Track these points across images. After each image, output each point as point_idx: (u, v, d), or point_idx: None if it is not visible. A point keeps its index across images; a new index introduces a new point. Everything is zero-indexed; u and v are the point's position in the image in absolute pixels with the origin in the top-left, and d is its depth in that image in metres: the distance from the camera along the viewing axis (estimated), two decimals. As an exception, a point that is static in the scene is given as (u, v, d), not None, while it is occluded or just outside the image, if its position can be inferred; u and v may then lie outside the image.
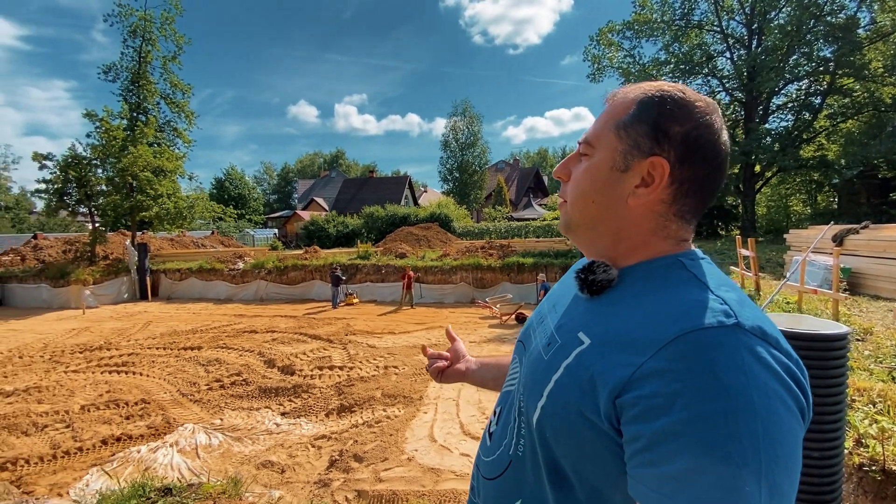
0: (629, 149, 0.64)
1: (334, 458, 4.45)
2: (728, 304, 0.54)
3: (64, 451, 4.69)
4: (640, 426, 0.50)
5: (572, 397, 0.58)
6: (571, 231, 0.73)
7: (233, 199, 45.45)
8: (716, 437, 0.45)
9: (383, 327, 10.07)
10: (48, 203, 16.61)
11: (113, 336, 10.00)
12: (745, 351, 0.49)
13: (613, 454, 0.55)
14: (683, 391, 0.48)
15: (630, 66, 20.53)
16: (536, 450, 0.64)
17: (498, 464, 0.74)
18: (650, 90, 0.65)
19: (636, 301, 0.61)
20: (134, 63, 17.51)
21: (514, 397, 0.74)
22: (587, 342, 0.61)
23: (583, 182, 0.69)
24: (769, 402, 0.47)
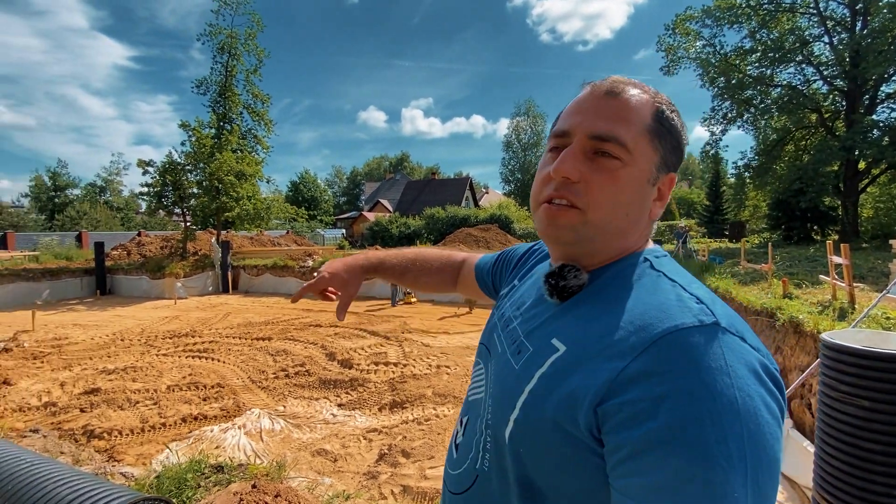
0: (661, 163, 0.63)
1: (383, 452, 4.58)
2: (704, 303, 0.53)
3: (150, 425, 5.26)
4: (625, 433, 0.47)
5: (548, 408, 0.55)
6: (584, 242, 0.63)
7: (306, 201, 48.38)
8: (704, 441, 0.43)
9: (438, 327, 10.19)
10: (149, 204, 18.72)
11: (197, 324, 11.04)
12: (727, 351, 0.48)
13: (594, 466, 0.51)
14: (669, 394, 0.46)
15: (710, 57, 19.03)
16: (505, 465, 0.61)
17: (465, 478, 0.69)
18: (660, 99, 0.64)
19: (610, 303, 0.58)
20: (221, 77, 19.23)
21: (481, 408, 0.70)
22: (562, 349, 0.58)
23: (621, 194, 0.61)
24: (754, 405, 0.45)
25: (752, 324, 5.85)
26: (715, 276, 8.30)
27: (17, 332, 10.02)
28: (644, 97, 0.63)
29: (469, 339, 8.93)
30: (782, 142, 19.27)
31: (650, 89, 0.65)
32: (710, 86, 19.15)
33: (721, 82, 18.80)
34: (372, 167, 73.19)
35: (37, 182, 42.05)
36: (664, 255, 0.65)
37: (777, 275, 7.14)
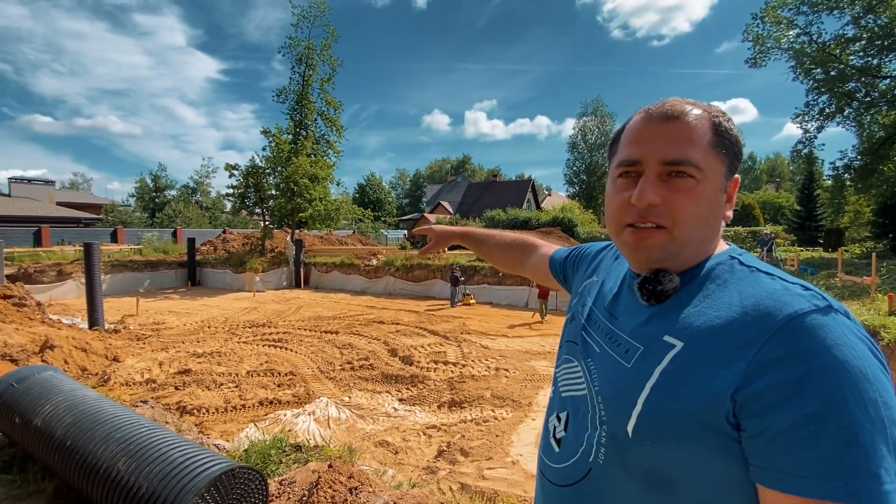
0: (727, 171, 0.68)
1: (442, 449, 4.68)
2: (812, 290, 0.59)
3: (233, 406, 5.78)
4: (773, 414, 0.52)
5: (680, 401, 0.59)
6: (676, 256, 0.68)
7: (371, 203, 50.28)
8: (850, 410, 0.49)
9: (497, 329, 10.18)
10: (233, 204, 20.44)
11: (273, 316, 11.90)
12: (843, 328, 0.54)
13: (730, 451, 0.56)
14: (808, 373, 0.51)
15: (805, 46, 17.25)
16: (628, 459, 0.64)
17: (573, 471, 0.72)
18: (714, 110, 0.69)
19: (714, 299, 0.63)
20: (298, 86, 20.55)
21: (587, 405, 0.73)
22: (679, 345, 0.62)
23: (702, 208, 0.66)
24: (875, 372, 0.52)
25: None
26: (805, 288, 7.53)
27: (124, 315, 11.41)
28: (701, 114, 0.68)
29: (528, 344, 8.83)
30: (891, 139, 16.99)
31: (703, 104, 0.70)
32: (805, 78, 17.35)
33: (818, 74, 16.97)
34: (434, 169, 74.43)
35: (141, 184, 47.54)
36: (746, 252, 0.70)
37: (882, 289, 6.35)
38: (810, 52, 16.85)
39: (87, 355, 7.12)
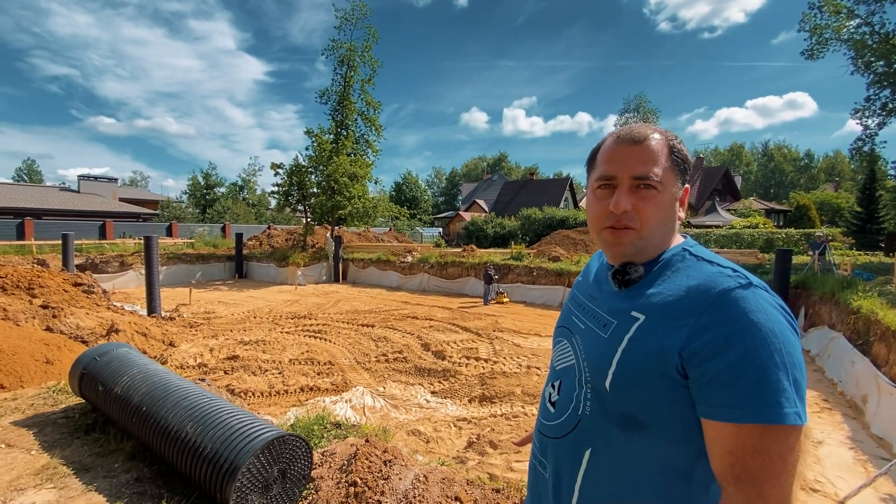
0: (680, 184, 0.89)
1: (472, 441, 4.83)
2: (738, 272, 0.79)
3: (276, 390, 6.16)
4: (707, 364, 0.72)
5: (642, 360, 0.79)
6: (642, 253, 0.88)
7: (407, 201, 50.97)
8: (761, 358, 0.69)
9: (530, 328, 10.21)
10: (278, 202, 21.34)
11: (313, 309, 12.42)
12: (759, 298, 0.74)
13: (681, 395, 0.76)
14: (732, 333, 0.71)
15: (866, 37, 16.08)
16: (607, 407, 0.84)
17: (565, 424, 0.91)
18: (669, 135, 0.90)
19: (668, 283, 0.84)
20: (340, 87, 21.17)
21: (575, 371, 0.93)
22: (642, 318, 0.82)
23: (663, 214, 0.87)
24: (781, 328, 0.72)
25: (905, 352, 5.00)
26: (858, 293, 7.15)
27: (178, 304, 12.26)
28: (660, 138, 0.88)
29: (561, 343, 8.82)
30: (971, 135, 15.59)
31: (661, 129, 0.90)
32: (865, 71, 16.19)
33: (880, 67, 15.78)
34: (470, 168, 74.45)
35: (193, 181, 50.40)
36: (696, 245, 0.90)
37: (945, 297, 5.95)
38: (871, 43, 15.71)
39: (147, 339, 7.75)
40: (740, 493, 0.70)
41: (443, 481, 1.78)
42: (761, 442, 0.69)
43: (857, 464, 4.28)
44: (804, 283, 9.85)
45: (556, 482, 0.92)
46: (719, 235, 21.43)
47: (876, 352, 5.71)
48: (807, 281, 9.80)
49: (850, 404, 5.68)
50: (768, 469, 0.68)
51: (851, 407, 5.60)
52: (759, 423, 0.68)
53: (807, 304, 9.36)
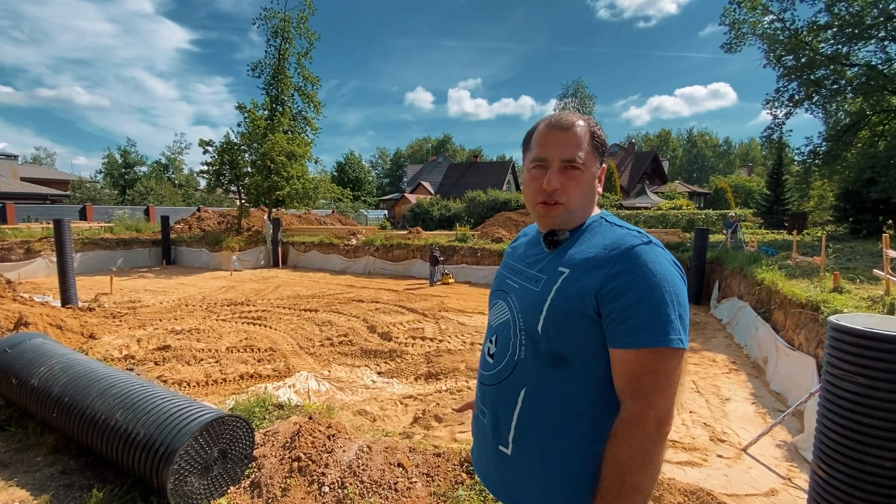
0: (599, 163, 1.07)
1: (418, 416, 4.94)
2: (641, 233, 0.97)
3: (213, 379, 5.90)
4: (614, 304, 0.89)
5: (566, 304, 0.95)
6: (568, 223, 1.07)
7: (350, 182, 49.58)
8: (652, 297, 0.87)
9: (474, 307, 10.47)
10: (208, 182, 19.98)
11: (251, 295, 11.90)
12: (656, 252, 0.92)
13: (598, 332, 0.93)
14: (633, 279, 0.89)
15: (778, 33, 17.62)
16: (539, 348, 0.98)
17: (503, 371, 1.06)
18: (591, 122, 1.07)
19: (587, 243, 1.01)
20: (275, 60, 19.97)
21: (510, 323, 1.07)
22: (567, 271, 0.99)
23: (586, 190, 1.06)
24: (671, 276, 0.91)
25: (797, 316, 5.71)
26: (762, 267, 8.01)
27: (97, 294, 11.24)
28: (584, 125, 1.05)
29: (504, 320, 9.14)
30: (856, 126, 17.71)
31: (584, 117, 1.07)
32: (777, 65, 17.80)
33: (789, 61, 17.40)
34: (415, 149, 73.67)
35: (109, 159, 45.67)
36: (610, 215, 1.09)
37: (830, 268, 6.83)
38: (783, 38, 17.24)
39: (63, 332, 7.08)
40: (635, 404, 0.87)
41: (386, 450, 1.84)
42: (652, 363, 0.86)
43: (757, 416, 4.87)
44: (718, 258, 10.86)
45: (494, 424, 1.06)
46: (648, 216, 22.96)
47: (775, 318, 6.47)
48: (720, 257, 10.82)
49: (754, 365, 6.42)
50: (656, 383, 0.86)
51: (755, 367, 6.34)
52: (651, 347, 0.85)
53: (720, 277, 10.35)
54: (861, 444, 1.67)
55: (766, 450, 4.13)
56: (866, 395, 1.66)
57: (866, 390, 1.65)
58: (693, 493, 2.88)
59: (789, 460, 4.00)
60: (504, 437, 1.02)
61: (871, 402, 1.65)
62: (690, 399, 5.31)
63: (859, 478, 1.66)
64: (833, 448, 1.76)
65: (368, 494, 1.76)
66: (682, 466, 3.84)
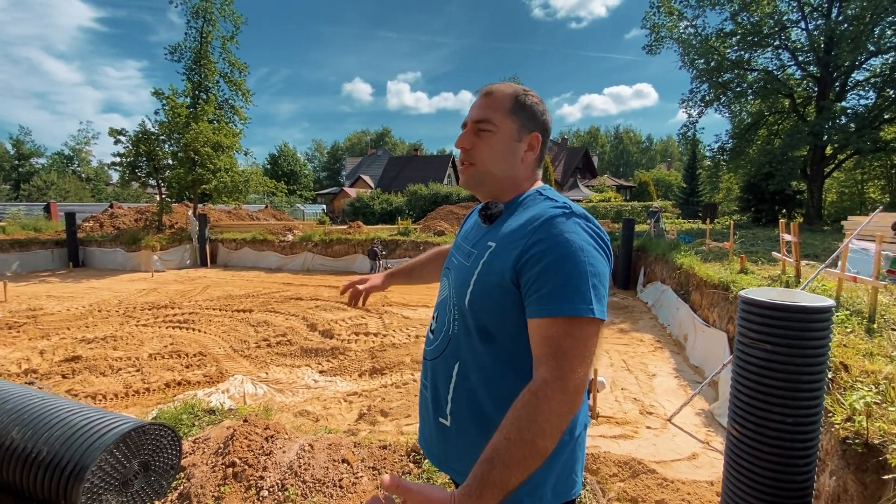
0: (520, 127, 1.04)
1: (363, 412, 4.85)
2: (566, 204, 0.97)
3: (135, 390, 5.40)
4: (529, 272, 0.89)
5: (490, 278, 0.95)
6: (482, 184, 1.07)
7: (285, 175, 47.39)
8: (566, 266, 0.86)
9: (418, 300, 10.46)
10: (122, 175, 18.20)
11: (176, 297, 11.03)
12: (573, 223, 0.91)
13: (516, 304, 0.92)
14: (547, 248, 0.88)
15: (691, 38, 19.18)
16: (468, 324, 0.98)
17: (441, 345, 1.06)
18: (518, 88, 1.06)
19: (517, 217, 1.00)
20: (196, 43, 18.52)
21: (448, 300, 1.07)
22: (494, 245, 0.99)
23: (496, 150, 1.03)
24: (586, 246, 0.89)
25: (711, 296, 6.27)
26: (681, 253, 8.72)
27: (-12, 302, 9.87)
28: (506, 90, 1.05)
29: (447, 312, 9.22)
30: (756, 126, 19.78)
31: (515, 86, 1.07)
32: (690, 67, 19.38)
33: (700, 64, 19.02)
34: (353, 142, 71.90)
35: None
36: (549, 188, 1.08)
37: (737, 252, 7.57)
38: (695, 43, 18.78)
39: (-57, 347, 6.14)
40: (557, 365, 0.83)
41: (329, 447, 1.77)
42: (567, 329, 0.84)
43: (680, 389, 5.31)
44: (643, 246, 11.67)
45: (434, 397, 1.07)
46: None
47: (693, 299, 7.08)
48: (645, 245, 11.63)
49: (676, 342, 6.99)
50: (574, 348, 0.84)
51: (677, 344, 6.90)
52: (564, 315, 0.85)
53: (645, 264, 11.14)
54: (767, 403, 1.86)
55: (688, 418, 4.51)
56: (770, 359, 1.85)
57: (770, 355, 1.84)
58: (626, 464, 3.08)
59: (707, 426, 4.41)
60: (443, 409, 1.03)
61: (773, 366, 1.84)
62: (622, 377, 5.67)
63: (766, 434, 1.85)
64: (744, 409, 1.94)
65: (312, 494, 1.69)
66: (616, 440, 4.10)
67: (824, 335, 1.78)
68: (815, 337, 1.77)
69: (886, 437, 1.82)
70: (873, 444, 1.87)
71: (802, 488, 1.81)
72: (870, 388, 2.23)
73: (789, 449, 1.81)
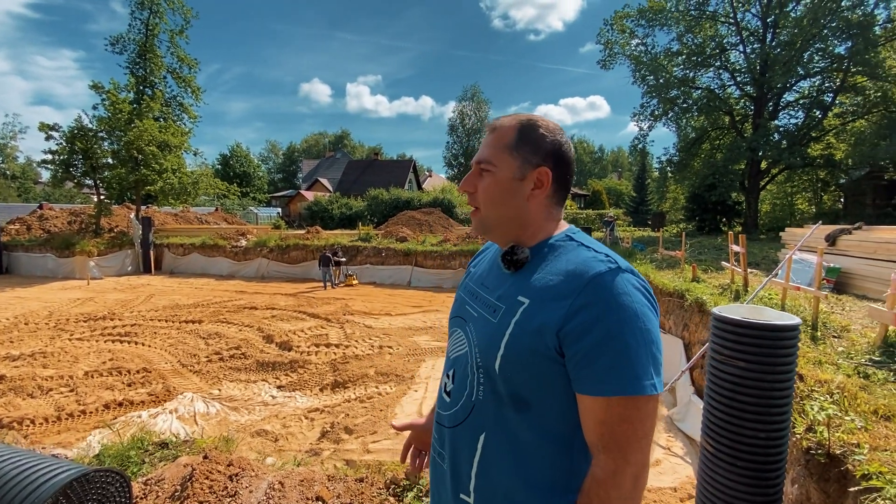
0: (521, 163, 0.91)
1: (326, 430, 4.64)
2: (610, 256, 0.84)
3: (68, 413, 4.90)
4: (578, 345, 0.77)
5: (526, 341, 0.82)
6: (491, 230, 0.96)
7: (237, 177, 45.44)
8: (622, 336, 0.75)
9: (381, 308, 10.25)
10: (54, 174, 16.78)
11: (116, 307, 10.23)
12: (625, 282, 0.79)
13: (560, 374, 0.80)
14: (599, 314, 0.76)
15: (642, 55, 20.19)
16: (499, 390, 0.86)
17: (461, 413, 0.93)
18: (523, 119, 0.93)
19: (550, 267, 0.87)
20: (141, 35, 17.44)
21: (468, 358, 0.94)
22: (527, 301, 0.85)
23: (494, 192, 0.92)
24: (643, 310, 0.78)
25: (666, 303, 6.53)
26: (636, 261, 9.06)
27: None
28: (510, 123, 0.93)
29: (411, 321, 9.09)
30: (700, 140, 21.07)
31: (520, 116, 0.94)
32: (641, 83, 20.38)
33: (650, 80, 20.04)
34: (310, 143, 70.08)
35: None
36: (579, 232, 0.95)
37: (688, 261, 7.96)
38: (646, 60, 19.78)
39: None
40: (609, 460, 0.77)
41: (301, 483, 1.62)
42: (625, 412, 0.75)
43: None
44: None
45: (454, 471, 0.93)
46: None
47: (648, 305, 7.36)
48: (602, 252, 12.04)
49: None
50: (632, 434, 0.76)
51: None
52: (623, 395, 0.74)
53: (602, 271, 11.52)
54: (740, 419, 1.91)
55: (649, 425, 4.64)
56: (743, 376, 1.90)
57: (743, 371, 1.89)
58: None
59: (668, 431, 4.55)
60: (465, 485, 0.91)
61: (747, 382, 1.89)
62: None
63: (740, 449, 1.89)
64: (718, 424, 1.99)
65: (280, 535, 1.55)
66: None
67: (793, 352, 1.85)
68: (785, 354, 1.83)
69: (847, 448, 1.91)
70: (835, 455, 1.96)
71: (774, 500, 1.86)
72: (825, 398, 2.34)
73: (762, 462, 1.86)
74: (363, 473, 1.82)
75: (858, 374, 2.88)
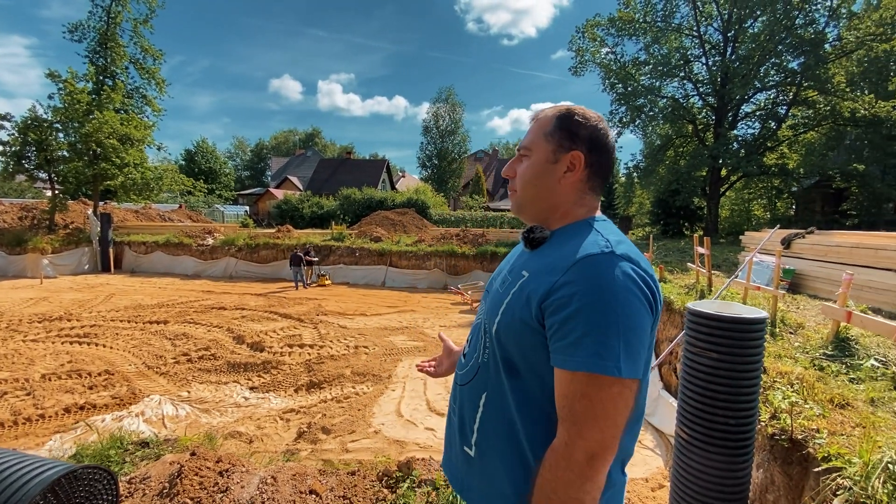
0: (556, 148, 0.96)
1: (302, 430, 4.58)
2: (609, 242, 0.86)
3: (25, 417, 4.64)
4: (554, 317, 0.81)
5: (517, 310, 0.88)
6: (523, 210, 1.03)
7: (203, 173, 43.78)
8: (595, 315, 0.77)
9: (355, 308, 10.16)
10: (4, 166, 15.74)
11: (73, 307, 9.72)
12: (614, 266, 0.81)
13: (541, 344, 0.85)
14: (577, 291, 0.79)
15: (611, 64, 20.83)
16: (496, 353, 0.93)
17: (471, 371, 1.02)
18: (562, 108, 1.00)
19: (559, 248, 0.92)
20: (102, 24, 16.63)
21: (481, 324, 1.03)
22: (527, 275, 0.92)
23: (528, 174, 0.99)
24: (626, 295, 0.79)
25: (635, 304, 6.77)
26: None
27: None
28: (549, 112, 1.00)
29: (387, 321, 9.06)
30: (665, 147, 21.92)
31: (561, 106, 1.00)
32: (611, 91, 21.03)
33: (619, 88, 20.72)
34: (280, 140, 68.46)
35: None
36: (603, 220, 0.97)
37: (655, 263, 8.27)
38: (615, 69, 20.42)
39: None
40: (564, 431, 0.79)
41: (294, 478, 1.61)
42: (586, 389, 0.77)
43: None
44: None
45: (461, 424, 1.02)
46: (511, 217, 25.05)
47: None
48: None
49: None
50: (589, 411, 0.77)
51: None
52: (585, 370, 0.76)
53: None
54: (713, 407, 2.03)
55: (621, 419, 4.81)
56: (716, 367, 2.02)
57: (716, 363, 2.01)
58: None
59: (638, 426, 4.72)
60: (468, 439, 0.99)
61: (719, 373, 2.01)
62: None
63: (713, 436, 2.01)
64: (692, 413, 2.10)
65: (270, 531, 1.53)
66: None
67: (760, 343, 1.99)
68: (754, 345, 1.96)
69: (808, 433, 2.06)
70: (797, 440, 2.11)
71: (743, 482, 1.99)
72: (787, 388, 2.51)
73: (732, 448, 1.98)
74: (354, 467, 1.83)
75: (814, 366, 3.10)
